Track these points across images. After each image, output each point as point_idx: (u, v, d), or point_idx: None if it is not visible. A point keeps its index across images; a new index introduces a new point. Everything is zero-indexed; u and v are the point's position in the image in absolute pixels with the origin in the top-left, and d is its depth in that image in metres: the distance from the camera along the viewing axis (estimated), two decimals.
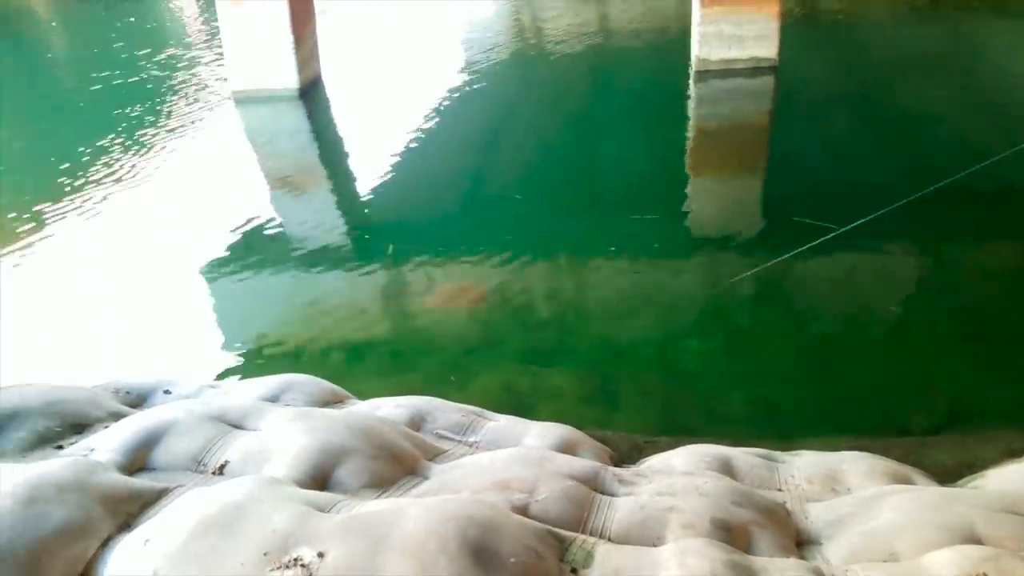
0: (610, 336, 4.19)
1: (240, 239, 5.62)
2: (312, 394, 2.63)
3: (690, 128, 7.61)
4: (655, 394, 3.62)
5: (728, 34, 8.35)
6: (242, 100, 8.62)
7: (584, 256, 5.11)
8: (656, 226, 5.40)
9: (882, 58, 9.21)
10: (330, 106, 8.95)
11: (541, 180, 6.44)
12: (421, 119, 8.02)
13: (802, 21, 10.72)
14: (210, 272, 5.20)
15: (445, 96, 8.76)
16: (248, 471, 2.05)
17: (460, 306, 4.45)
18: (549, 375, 3.76)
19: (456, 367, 3.88)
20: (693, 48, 8.69)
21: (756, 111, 8.15)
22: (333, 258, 5.29)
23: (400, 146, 7.33)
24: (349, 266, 5.20)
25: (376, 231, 5.85)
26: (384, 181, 6.61)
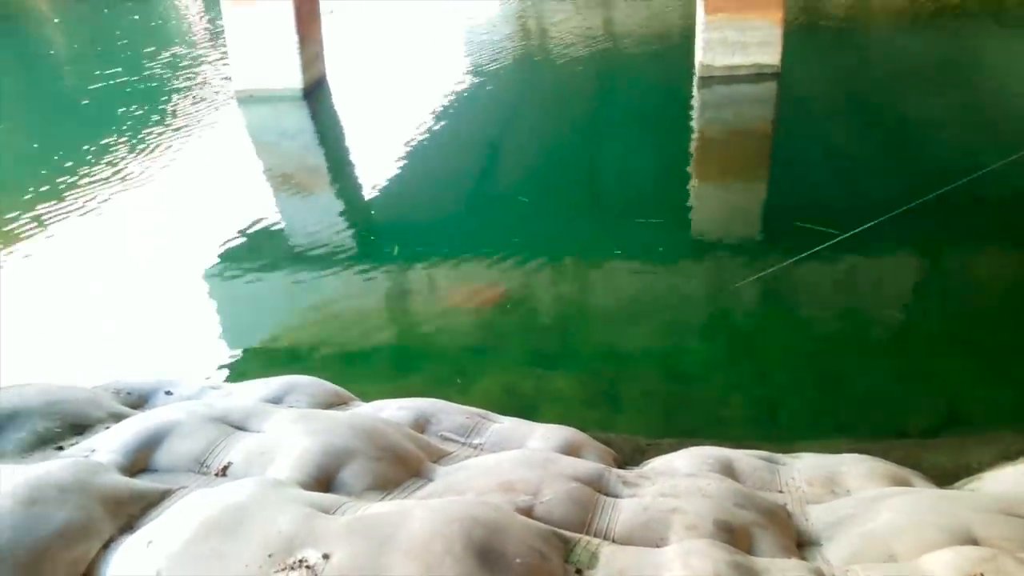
0: (614, 339, 4.19)
1: (243, 239, 5.60)
2: (315, 395, 2.62)
3: (694, 133, 7.63)
4: (658, 396, 3.63)
5: (732, 40, 8.39)
6: (245, 100, 8.59)
7: (589, 259, 5.11)
8: (660, 230, 5.41)
9: (883, 65, 9.27)
10: (335, 107, 8.93)
11: (546, 183, 6.45)
12: (426, 121, 8.02)
13: (805, 28, 10.77)
14: (212, 272, 5.18)
15: (450, 98, 8.76)
16: (251, 473, 2.04)
17: (477, 306, 4.45)
18: (553, 377, 3.76)
19: (460, 369, 3.87)
20: (697, 54, 8.73)
21: (759, 117, 8.18)
22: (336, 259, 5.27)
23: (404, 148, 7.31)
24: (353, 267, 5.18)
25: (380, 232, 5.84)
26: (388, 182, 6.60)
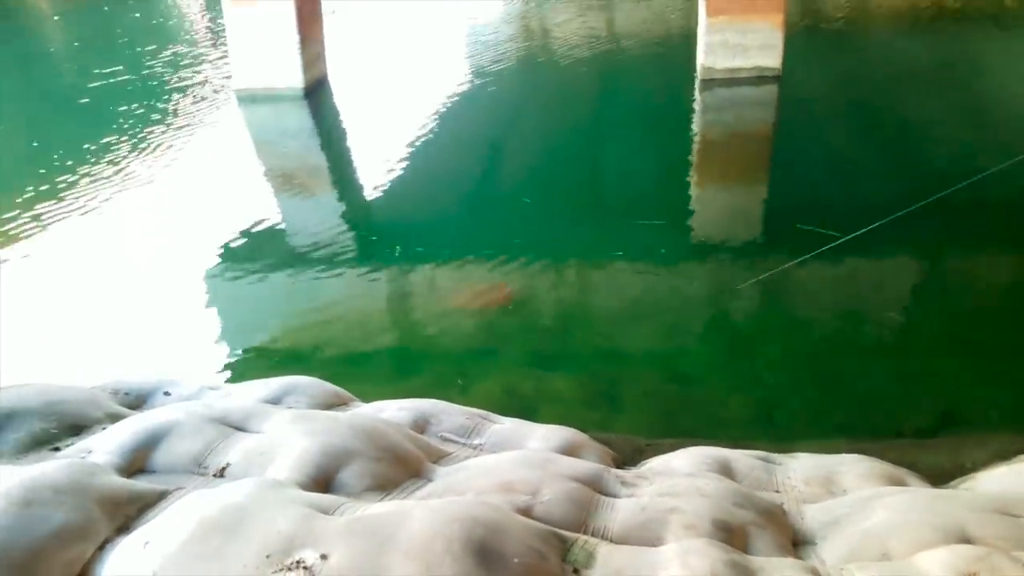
0: (614, 340, 4.20)
1: (244, 239, 5.59)
2: (315, 396, 2.62)
3: (695, 136, 7.65)
4: (658, 397, 3.65)
5: (733, 43, 8.42)
6: (246, 99, 8.59)
7: (590, 260, 5.12)
8: (662, 232, 5.42)
9: (883, 68, 9.31)
10: (336, 107, 8.92)
11: (549, 184, 6.45)
12: (427, 121, 8.01)
13: (805, 31, 10.81)
14: (212, 272, 5.16)
15: (451, 99, 8.75)
16: (250, 473, 2.04)
17: (483, 307, 4.45)
18: (553, 378, 3.77)
19: (461, 370, 3.87)
20: (698, 57, 8.75)
21: (760, 119, 8.21)
22: (337, 260, 5.26)
23: (405, 148, 7.31)
24: (354, 268, 5.17)
25: (382, 232, 5.83)
26: (389, 183, 6.59)
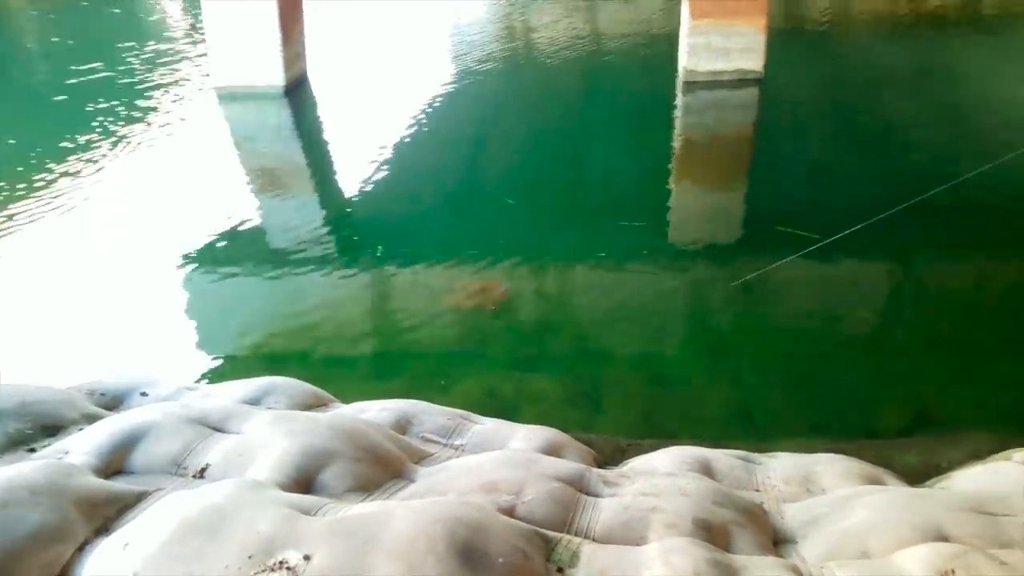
0: (596, 340, 4.22)
1: (224, 239, 5.54)
2: (294, 397, 2.60)
3: (677, 138, 7.71)
4: (638, 397, 3.67)
5: (716, 46, 8.48)
6: (226, 97, 8.51)
7: (572, 261, 5.13)
8: (644, 233, 5.46)
9: (864, 71, 9.44)
10: (316, 105, 8.87)
11: (532, 185, 6.46)
12: (408, 121, 7.99)
13: (788, 35, 10.93)
14: (189, 272, 5.11)
15: (433, 99, 8.74)
16: (230, 474, 2.02)
17: (481, 305, 4.45)
18: (534, 379, 3.78)
19: (442, 371, 3.87)
20: (681, 59, 8.80)
21: (741, 122, 8.29)
22: (316, 260, 5.23)
23: (387, 148, 7.29)
24: (334, 268, 5.15)
25: (363, 232, 5.80)
26: (369, 183, 6.57)
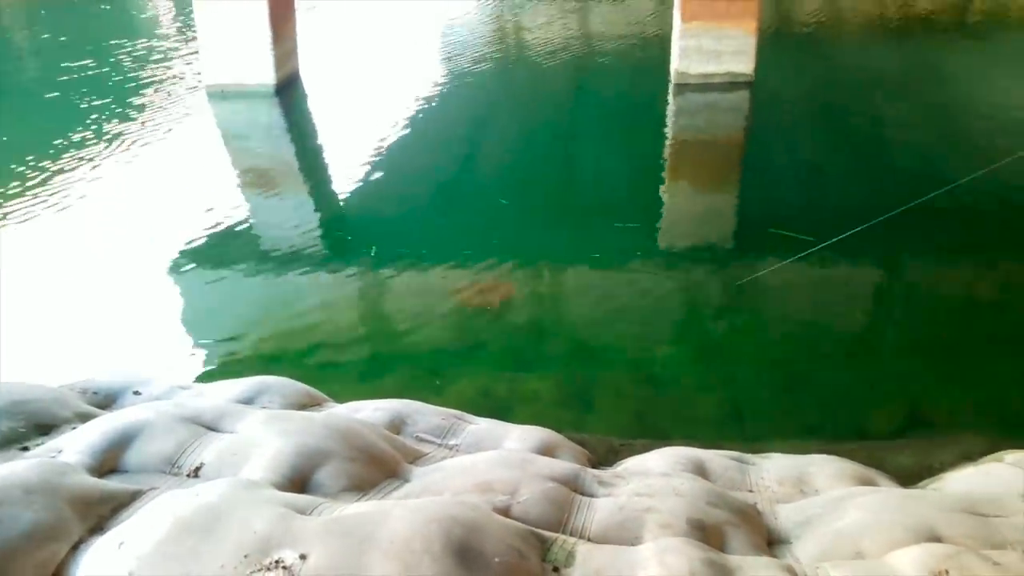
0: (590, 341, 4.22)
1: (214, 238, 5.51)
2: (288, 396, 2.60)
3: (668, 140, 7.73)
4: (632, 398, 3.68)
5: (707, 49, 8.52)
6: (216, 95, 8.50)
7: (566, 262, 5.14)
8: (637, 235, 5.47)
9: (854, 74, 9.49)
10: (307, 104, 8.86)
11: (525, 185, 6.46)
12: (399, 120, 7.98)
13: (778, 37, 10.99)
14: (182, 272, 5.09)
15: (425, 99, 8.73)
16: (224, 473, 2.01)
17: (485, 304, 4.44)
18: (528, 379, 3.79)
19: (436, 371, 3.87)
20: (672, 62, 8.84)
21: (732, 125, 8.32)
22: (309, 259, 5.22)
23: (378, 147, 7.28)
24: (326, 268, 5.13)
25: (355, 232, 5.79)
26: (362, 182, 6.56)
